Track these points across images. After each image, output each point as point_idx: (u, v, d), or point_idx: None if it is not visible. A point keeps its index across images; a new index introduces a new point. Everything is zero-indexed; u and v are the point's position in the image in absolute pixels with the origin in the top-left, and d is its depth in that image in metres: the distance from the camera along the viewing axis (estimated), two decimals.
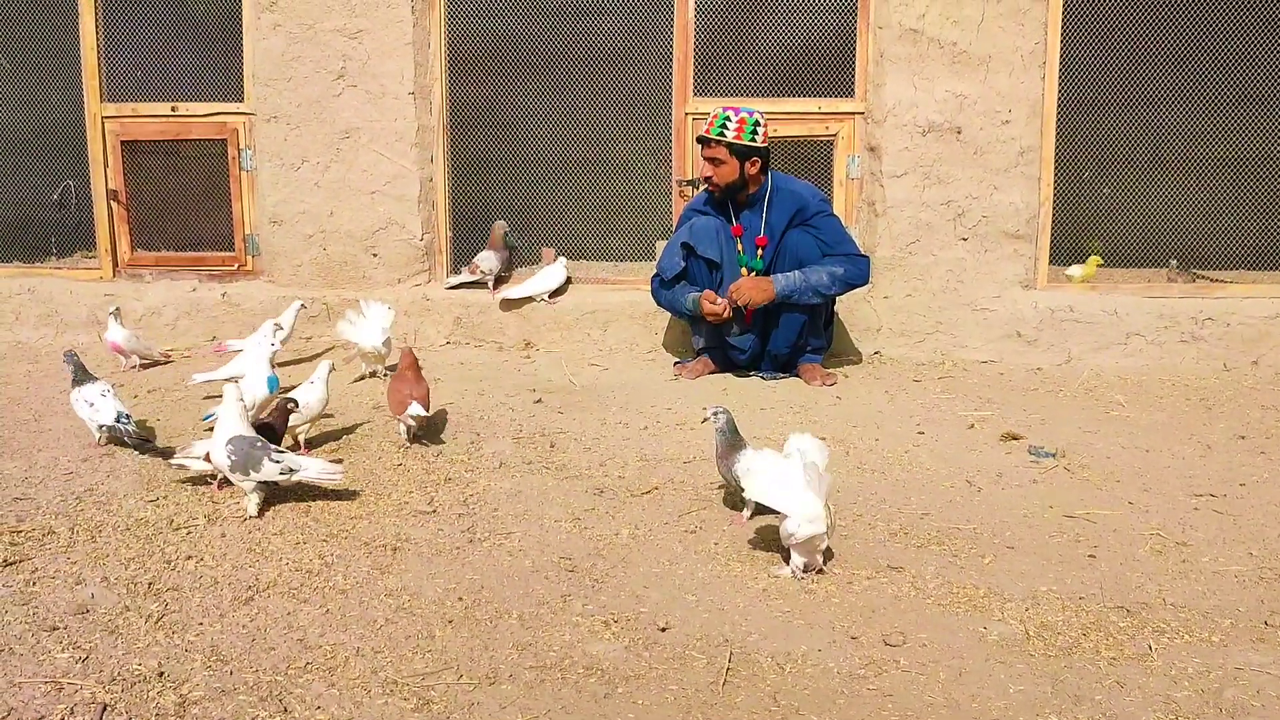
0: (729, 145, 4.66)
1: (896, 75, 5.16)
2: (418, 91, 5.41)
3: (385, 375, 4.68)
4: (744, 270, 4.78)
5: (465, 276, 5.54)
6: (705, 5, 5.38)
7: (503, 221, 5.58)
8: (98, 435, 3.67)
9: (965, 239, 5.21)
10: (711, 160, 4.71)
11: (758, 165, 4.71)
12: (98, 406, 3.63)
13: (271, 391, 3.79)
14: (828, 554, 2.78)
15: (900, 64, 5.15)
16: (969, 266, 5.23)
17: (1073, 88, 5.17)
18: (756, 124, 4.66)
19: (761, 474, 2.78)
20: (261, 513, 3.06)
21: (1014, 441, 3.91)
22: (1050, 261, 5.29)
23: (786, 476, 2.68)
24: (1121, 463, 3.69)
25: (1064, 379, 4.88)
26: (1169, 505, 3.28)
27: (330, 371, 3.76)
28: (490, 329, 5.46)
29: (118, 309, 4.92)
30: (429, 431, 3.85)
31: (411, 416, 3.64)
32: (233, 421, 3.09)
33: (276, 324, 4.28)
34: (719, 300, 4.67)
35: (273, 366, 3.95)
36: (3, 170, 5.99)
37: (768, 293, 4.65)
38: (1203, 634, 2.44)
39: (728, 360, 4.91)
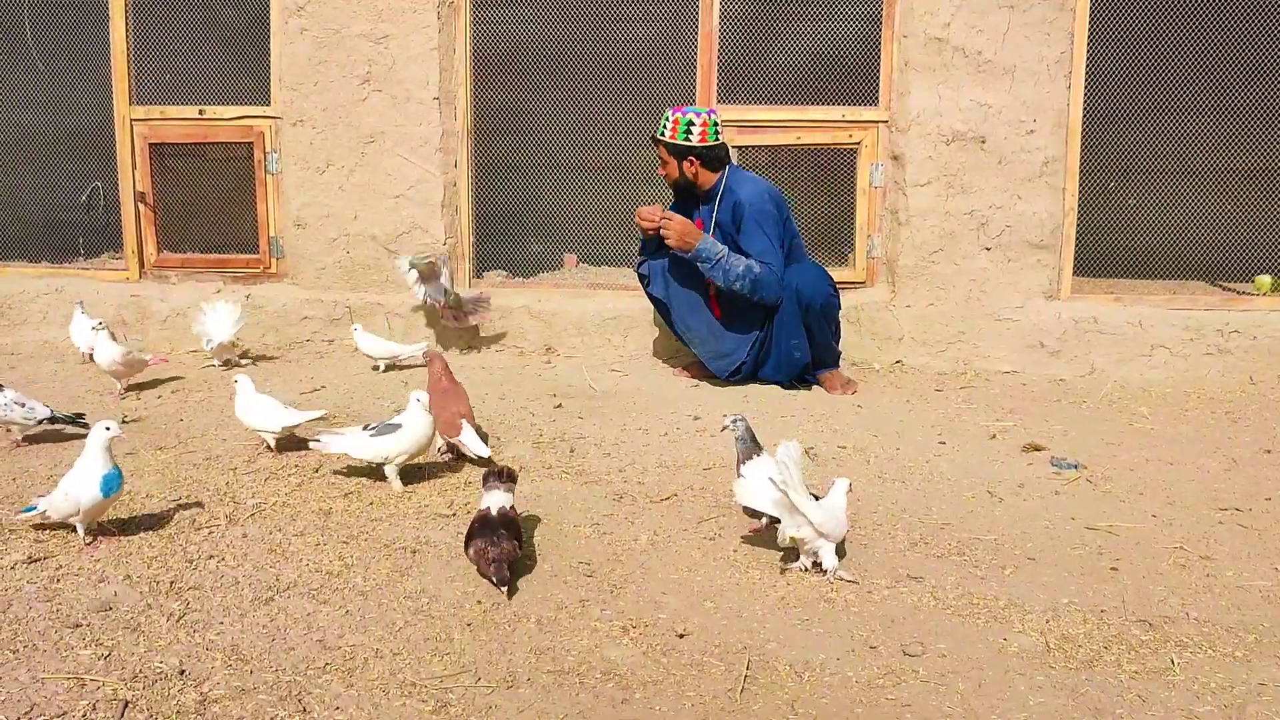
0: (666, 145, 4.73)
1: (921, 84, 5.15)
2: (442, 97, 5.44)
3: (246, 362, 5.09)
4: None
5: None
6: (729, 13, 5.39)
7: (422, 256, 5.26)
8: None
9: (989, 249, 5.19)
10: (660, 159, 4.81)
11: (695, 164, 4.74)
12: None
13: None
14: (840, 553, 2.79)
15: (925, 73, 5.14)
16: (992, 276, 5.21)
17: (1098, 97, 5.14)
18: (689, 123, 4.69)
19: (749, 480, 2.86)
20: None
21: (1036, 452, 3.88)
22: (1074, 272, 5.26)
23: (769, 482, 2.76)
24: (1145, 475, 3.66)
25: (1087, 390, 4.84)
26: (1193, 519, 3.25)
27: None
28: (512, 333, 5.47)
29: (82, 302, 5.11)
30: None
31: (465, 445, 3.57)
32: None
33: None
34: (649, 214, 4.71)
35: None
36: (34, 171, 6.07)
37: (687, 241, 4.65)
38: (1226, 649, 2.42)
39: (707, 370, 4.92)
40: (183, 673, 2.23)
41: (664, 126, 4.72)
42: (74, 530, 2.89)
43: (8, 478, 3.39)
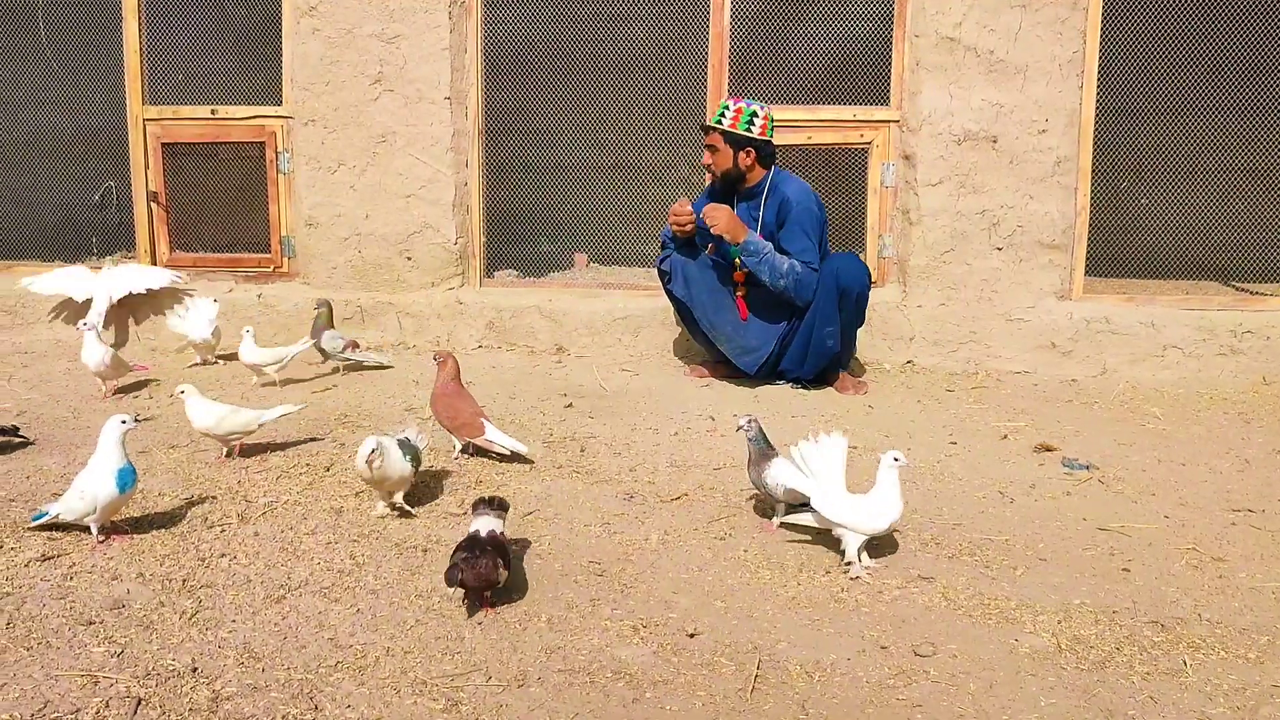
0: (724, 133, 4.70)
1: (932, 84, 5.14)
2: (454, 96, 5.45)
3: (215, 363, 5.12)
4: (737, 262, 4.77)
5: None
6: (740, 12, 5.38)
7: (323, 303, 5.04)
8: None
9: (1000, 248, 5.17)
10: (709, 147, 4.77)
11: (752, 156, 4.72)
12: None
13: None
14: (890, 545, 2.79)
15: (936, 72, 5.13)
16: (1004, 276, 5.19)
17: (1111, 97, 5.12)
18: (753, 115, 4.67)
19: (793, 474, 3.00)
20: None
21: (1048, 453, 3.87)
22: (1086, 272, 5.24)
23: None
24: (1157, 476, 3.65)
25: (1099, 391, 4.83)
26: (1205, 520, 3.23)
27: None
28: (522, 333, 5.48)
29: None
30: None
31: (494, 444, 3.56)
32: None
33: None
34: (684, 211, 4.69)
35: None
36: (47, 171, 6.10)
37: (734, 230, 4.64)
38: (1239, 650, 2.41)
39: (733, 369, 4.92)
40: (195, 670, 2.23)
41: (722, 114, 4.70)
42: (87, 529, 2.89)
43: (21, 475, 3.41)
